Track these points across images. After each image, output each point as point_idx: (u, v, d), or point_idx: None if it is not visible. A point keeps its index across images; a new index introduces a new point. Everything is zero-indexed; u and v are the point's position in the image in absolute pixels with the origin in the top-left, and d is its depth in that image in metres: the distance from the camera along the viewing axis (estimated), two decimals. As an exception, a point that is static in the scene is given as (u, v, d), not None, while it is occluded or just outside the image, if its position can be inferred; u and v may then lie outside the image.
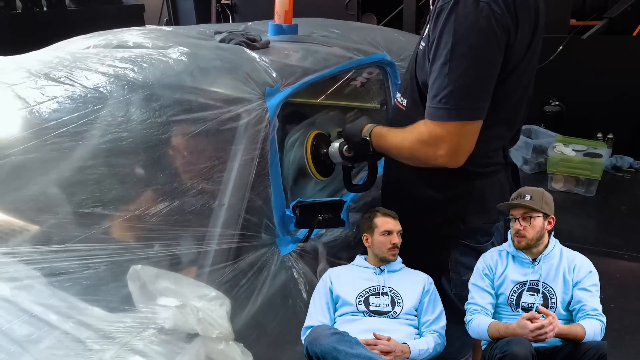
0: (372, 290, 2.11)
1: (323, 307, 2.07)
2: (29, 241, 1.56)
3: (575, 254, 2.13)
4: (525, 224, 2.06)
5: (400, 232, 2.16)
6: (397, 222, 2.17)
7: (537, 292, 2.07)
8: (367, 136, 2.12)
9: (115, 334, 1.43)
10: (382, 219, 2.17)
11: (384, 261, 2.17)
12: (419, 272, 2.21)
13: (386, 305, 2.08)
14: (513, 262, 2.13)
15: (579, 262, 2.10)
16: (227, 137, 1.85)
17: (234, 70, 1.96)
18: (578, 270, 2.08)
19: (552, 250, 2.11)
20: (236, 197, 1.84)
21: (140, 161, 1.73)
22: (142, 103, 1.75)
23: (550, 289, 2.07)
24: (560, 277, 2.08)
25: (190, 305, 1.54)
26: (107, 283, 1.54)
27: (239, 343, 1.65)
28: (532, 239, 2.07)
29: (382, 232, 2.15)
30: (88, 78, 1.76)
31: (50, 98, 1.69)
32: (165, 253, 1.66)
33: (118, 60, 1.85)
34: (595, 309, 2.02)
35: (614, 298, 3.50)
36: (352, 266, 2.21)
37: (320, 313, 2.06)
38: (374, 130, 2.12)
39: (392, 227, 2.15)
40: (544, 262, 2.09)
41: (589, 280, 2.07)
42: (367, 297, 2.09)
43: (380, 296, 2.09)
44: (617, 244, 4.29)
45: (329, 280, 2.13)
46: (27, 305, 1.40)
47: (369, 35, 2.92)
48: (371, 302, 2.08)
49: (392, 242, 2.13)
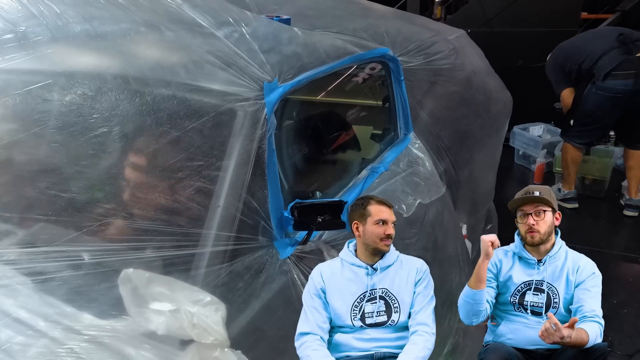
0: (366, 296, 2.07)
1: (319, 309, 2.05)
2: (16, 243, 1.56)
3: (580, 256, 2.21)
4: (537, 219, 2.14)
5: (394, 223, 2.11)
6: (392, 212, 2.13)
7: (542, 292, 2.15)
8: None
9: (106, 340, 1.43)
10: (377, 207, 2.11)
11: (376, 254, 2.11)
12: (413, 260, 2.18)
13: (382, 314, 2.06)
14: (519, 263, 2.21)
15: (583, 264, 2.18)
16: (222, 134, 1.85)
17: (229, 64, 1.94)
18: (581, 271, 2.16)
19: (558, 251, 2.19)
20: (232, 197, 1.83)
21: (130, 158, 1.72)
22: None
23: (553, 289, 2.15)
24: (563, 277, 2.15)
25: (184, 310, 1.54)
26: (98, 283, 1.54)
27: (235, 350, 1.65)
28: (545, 233, 2.16)
29: (376, 221, 2.08)
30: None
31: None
32: (158, 255, 1.66)
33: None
34: (593, 310, 2.08)
35: (626, 303, 3.49)
36: (342, 262, 2.13)
37: (318, 317, 2.04)
38: None
39: (387, 217, 2.09)
40: (549, 263, 2.17)
41: (591, 282, 2.14)
42: (361, 307, 2.06)
43: (375, 301, 2.07)
44: (628, 246, 4.28)
45: (320, 280, 2.08)
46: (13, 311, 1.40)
47: (372, 27, 2.91)
48: (366, 313, 2.05)
49: (386, 232, 2.07)
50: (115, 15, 1.82)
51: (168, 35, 1.87)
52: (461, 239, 3.19)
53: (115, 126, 1.66)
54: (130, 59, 1.80)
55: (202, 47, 1.89)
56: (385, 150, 2.88)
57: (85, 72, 1.68)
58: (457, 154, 3.33)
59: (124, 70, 1.74)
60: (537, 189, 2.18)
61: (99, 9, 1.81)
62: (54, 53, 1.64)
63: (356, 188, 2.56)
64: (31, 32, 1.60)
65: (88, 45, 1.71)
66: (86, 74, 1.67)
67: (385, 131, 3.10)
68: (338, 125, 3.11)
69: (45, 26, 1.63)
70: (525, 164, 5.83)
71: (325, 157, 2.98)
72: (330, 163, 2.99)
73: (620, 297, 3.53)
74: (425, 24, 3.75)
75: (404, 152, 2.89)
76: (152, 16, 1.90)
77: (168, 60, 1.87)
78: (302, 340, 2.01)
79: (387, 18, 3.36)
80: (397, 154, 2.85)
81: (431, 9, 7.89)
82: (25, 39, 1.59)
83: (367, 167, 2.73)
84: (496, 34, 5.86)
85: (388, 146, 2.92)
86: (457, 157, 3.33)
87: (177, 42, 1.90)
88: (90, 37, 1.71)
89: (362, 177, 2.70)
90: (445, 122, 3.30)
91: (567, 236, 2.26)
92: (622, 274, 3.91)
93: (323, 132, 3.01)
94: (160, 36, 1.86)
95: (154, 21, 1.87)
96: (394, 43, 2.89)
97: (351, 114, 3.39)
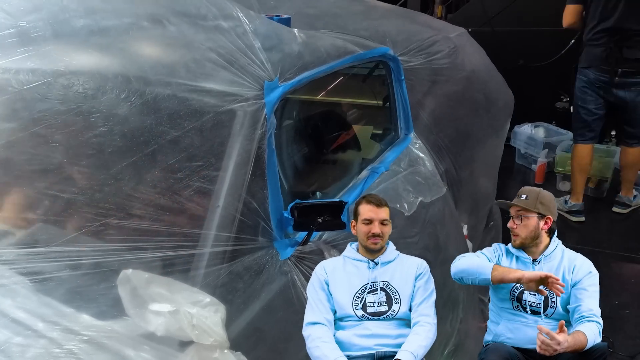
0: (367, 288, 2.13)
1: (324, 302, 2.09)
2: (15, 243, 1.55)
3: (576, 255, 2.22)
4: (517, 223, 2.16)
5: (384, 221, 2.16)
6: (381, 210, 2.17)
7: (539, 291, 2.15)
8: None
9: (105, 341, 1.43)
10: (365, 206, 2.17)
11: (369, 252, 2.18)
12: (413, 258, 2.25)
13: (383, 304, 2.11)
14: (516, 262, 2.24)
15: (579, 263, 2.19)
16: (222, 134, 1.85)
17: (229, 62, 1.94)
18: (577, 271, 2.17)
19: (553, 250, 2.20)
20: (231, 197, 1.83)
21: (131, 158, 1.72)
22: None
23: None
24: (559, 276, 2.15)
25: (184, 311, 1.54)
26: (97, 284, 1.54)
27: (235, 351, 1.64)
28: (526, 237, 2.18)
29: (363, 220, 2.16)
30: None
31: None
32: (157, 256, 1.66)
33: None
34: (591, 309, 2.09)
35: (629, 304, 3.49)
36: (344, 259, 2.22)
37: (323, 309, 2.08)
38: None
39: (372, 216, 2.15)
40: (545, 262, 2.19)
41: (588, 281, 2.16)
42: (362, 297, 2.12)
43: (376, 292, 2.13)
44: (631, 247, 4.28)
45: (324, 272, 2.14)
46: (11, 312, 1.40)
47: (373, 26, 2.91)
48: (368, 303, 2.11)
49: (371, 231, 2.14)
50: (118, 9, 1.82)
51: (171, 30, 1.86)
52: (462, 239, 3.19)
53: (115, 125, 1.66)
54: (132, 57, 1.79)
55: (204, 44, 1.88)
56: (385, 150, 2.89)
57: (85, 70, 1.67)
58: (458, 154, 3.33)
59: (124, 69, 1.74)
60: (527, 192, 2.21)
61: (102, 2, 1.81)
62: (55, 50, 1.63)
63: (356, 188, 2.56)
64: (32, 27, 1.59)
65: (89, 42, 1.70)
66: (86, 73, 1.66)
67: (386, 131, 3.10)
68: (338, 125, 3.11)
69: (47, 20, 1.62)
70: (526, 163, 5.83)
71: (325, 157, 2.98)
72: (330, 163, 2.99)
73: (622, 298, 3.53)
74: (427, 22, 3.75)
75: (405, 152, 2.89)
76: (156, 9, 1.89)
77: (169, 59, 1.86)
78: (311, 330, 2.06)
79: (388, 17, 3.36)
80: (398, 153, 2.85)
81: (432, 7, 7.87)
82: (25, 35, 1.58)
83: (367, 167, 2.73)
84: (497, 33, 5.85)
85: (388, 146, 2.93)
86: (458, 157, 3.33)
87: (180, 38, 1.89)
88: (91, 32, 1.70)
89: (362, 177, 2.70)
90: (446, 122, 3.30)
91: (568, 236, 2.27)
92: (624, 274, 3.90)
93: (323, 132, 3.01)
94: (163, 32, 1.85)
95: (157, 14, 1.86)
96: (394, 42, 2.89)
97: (351, 113, 3.39)
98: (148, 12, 1.85)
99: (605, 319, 2.14)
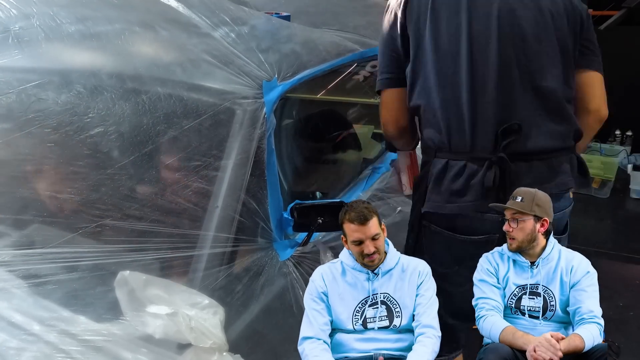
0: (368, 301, 2.05)
1: (322, 313, 2.02)
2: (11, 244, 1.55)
3: (574, 255, 2.20)
4: (513, 226, 2.13)
5: (376, 235, 1.98)
6: (368, 226, 1.96)
7: (538, 295, 2.15)
8: None
9: (102, 344, 1.43)
10: (349, 226, 1.96)
11: (366, 266, 2.05)
12: (415, 261, 2.14)
13: (384, 319, 2.05)
14: (514, 267, 2.21)
15: (577, 263, 2.17)
16: (221, 134, 1.85)
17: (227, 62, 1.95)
18: (575, 271, 2.15)
19: (550, 252, 2.18)
20: (230, 198, 1.83)
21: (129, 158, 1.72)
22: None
23: (549, 292, 2.14)
24: (557, 278, 2.14)
25: (182, 313, 1.54)
26: (94, 286, 1.54)
27: (234, 354, 1.64)
28: (523, 241, 2.14)
29: (352, 242, 1.99)
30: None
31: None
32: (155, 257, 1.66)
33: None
34: (591, 310, 2.08)
35: (632, 306, 3.49)
36: (342, 266, 2.08)
37: (321, 321, 2.02)
38: None
39: (360, 237, 1.96)
40: (543, 265, 2.17)
41: (586, 281, 2.14)
42: (363, 311, 2.04)
43: (377, 306, 2.05)
44: (635, 248, 4.27)
45: (322, 283, 2.04)
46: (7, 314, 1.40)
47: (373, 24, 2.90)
48: (368, 318, 2.03)
49: (364, 252, 1.97)
50: (109, 16, 1.82)
51: (163, 34, 1.87)
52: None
53: (111, 125, 1.66)
54: (125, 57, 1.79)
55: (198, 47, 1.89)
56: (386, 150, 2.88)
57: (80, 70, 1.68)
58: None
59: (119, 69, 1.74)
60: (523, 194, 2.12)
61: (92, 10, 1.81)
62: (48, 51, 1.63)
63: (357, 188, 2.56)
64: (24, 32, 1.60)
65: (82, 44, 1.71)
66: (81, 73, 1.67)
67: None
68: (339, 125, 3.11)
69: (39, 27, 1.62)
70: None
71: (325, 157, 2.98)
72: (330, 163, 2.99)
73: (626, 300, 3.53)
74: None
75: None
76: (147, 16, 1.89)
77: (164, 59, 1.87)
78: (306, 345, 2.00)
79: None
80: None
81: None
82: (18, 38, 1.58)
83: (368, 167, 2.73)
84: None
85: (389, 146, 2.92)
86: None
87: (173, 41, 1.89)
88: (84, 36, 1.71)
89: (363, 177, 2.70)
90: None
91: (571, 238, 2.25)
92: (628, 276, 3.90)
93: (323, 132, 3.01)
94: (155, 35, 1.86)
95: (148, 21, 1.87)
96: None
97: (352, 112, 3.38)
98: (139, 19, 1.86)
99: (609, 321, 2.13)
